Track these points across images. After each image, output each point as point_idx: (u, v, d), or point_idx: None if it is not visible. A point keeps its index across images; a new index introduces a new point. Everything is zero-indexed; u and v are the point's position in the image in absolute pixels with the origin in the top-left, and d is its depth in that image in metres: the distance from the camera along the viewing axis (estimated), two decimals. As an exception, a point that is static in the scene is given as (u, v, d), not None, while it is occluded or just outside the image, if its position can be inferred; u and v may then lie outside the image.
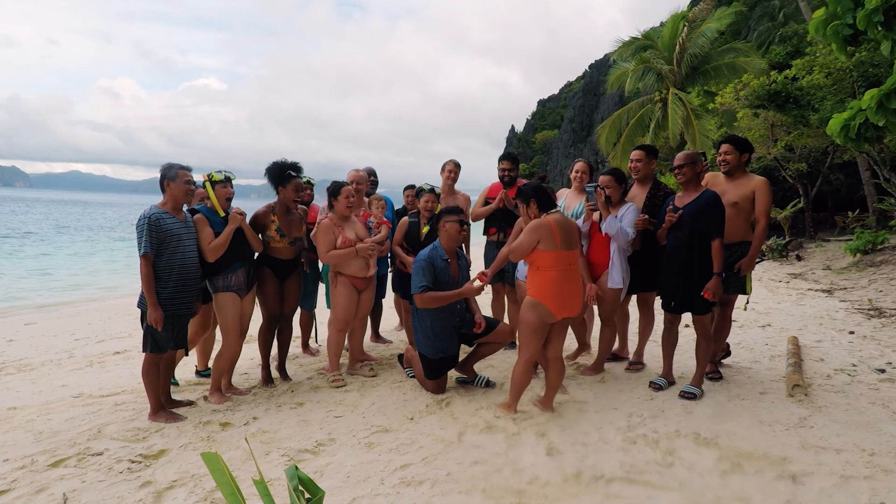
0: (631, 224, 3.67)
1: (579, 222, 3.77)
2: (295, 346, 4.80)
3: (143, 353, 3.22)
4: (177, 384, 3.90)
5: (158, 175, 3.32)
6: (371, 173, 4.88)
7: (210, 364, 4.08)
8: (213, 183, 3.50)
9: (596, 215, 3.78)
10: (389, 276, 4.92)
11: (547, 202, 3.15)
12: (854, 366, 4.09)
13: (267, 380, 3.90)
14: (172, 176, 3.26)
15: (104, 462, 2.66)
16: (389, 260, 4.87)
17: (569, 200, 4.23)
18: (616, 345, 4.33)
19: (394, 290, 4.78)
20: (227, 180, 3.54)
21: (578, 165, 4.21)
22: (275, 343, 4.02)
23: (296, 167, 3.76)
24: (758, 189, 3.55)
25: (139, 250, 3.13)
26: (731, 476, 2.46)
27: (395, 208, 5.05)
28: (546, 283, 3.05)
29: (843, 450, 2.68)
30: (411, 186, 5.01)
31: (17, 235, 26.65)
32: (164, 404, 3.31)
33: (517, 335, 3.46)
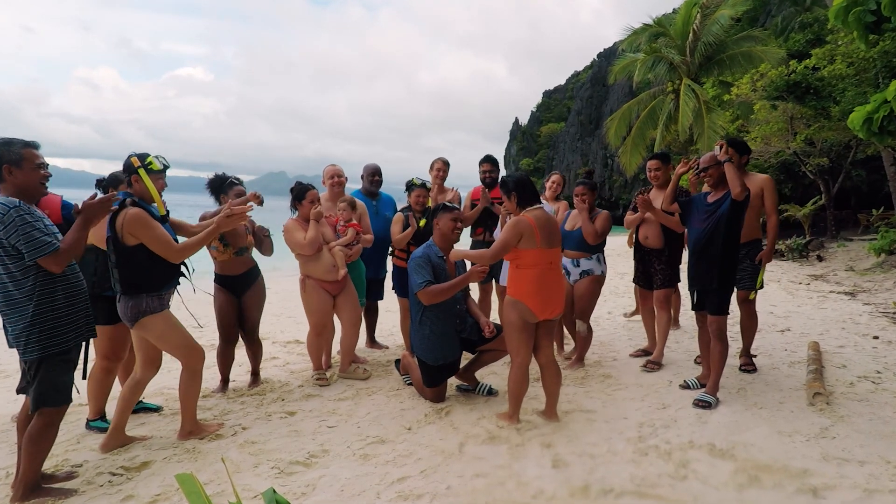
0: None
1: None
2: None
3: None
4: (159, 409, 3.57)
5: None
6: (376, 172, 4.87)
7: (107, 409, 3.34)
8: (150, 171, 2.90)
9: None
10: (388, 277, 4.93)
11: (527, 197, 3.16)
12: (879, 373, 4.08)
13: (223, 389, 3.91)
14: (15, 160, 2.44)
15: (84, 474, 2.66)
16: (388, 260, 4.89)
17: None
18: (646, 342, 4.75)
19: (392, 289, 4.80)
20: (165, 169, 2.98)
21: (555, 178, 4.85)
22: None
23: (236, 178, 3.92)
24: (765, 186, 3.99)
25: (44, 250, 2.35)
26: (748, 490, 2.46)
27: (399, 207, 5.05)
28: (526, 282, 3.08)
29: (867, 462, 2.68)
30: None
31: None
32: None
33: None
